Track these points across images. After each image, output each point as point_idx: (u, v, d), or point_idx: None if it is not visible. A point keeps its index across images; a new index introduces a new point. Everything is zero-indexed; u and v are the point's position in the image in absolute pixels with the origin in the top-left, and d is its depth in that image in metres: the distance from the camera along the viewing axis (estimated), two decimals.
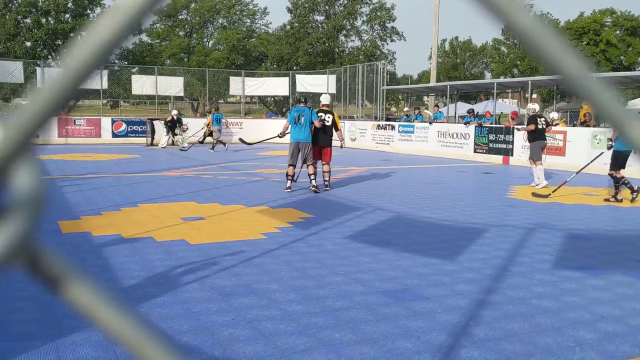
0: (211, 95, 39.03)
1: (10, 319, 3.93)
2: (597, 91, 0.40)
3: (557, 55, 0.39)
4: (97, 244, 6.21)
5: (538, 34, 0.39)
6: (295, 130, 10.54)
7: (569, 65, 0.40)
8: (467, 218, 8.20)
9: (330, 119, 10.92)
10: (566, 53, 0.39)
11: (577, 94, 0.41)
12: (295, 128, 10.54)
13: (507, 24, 0.38)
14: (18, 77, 24.90)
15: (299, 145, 10.47)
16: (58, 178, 12.12)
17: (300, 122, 10.47)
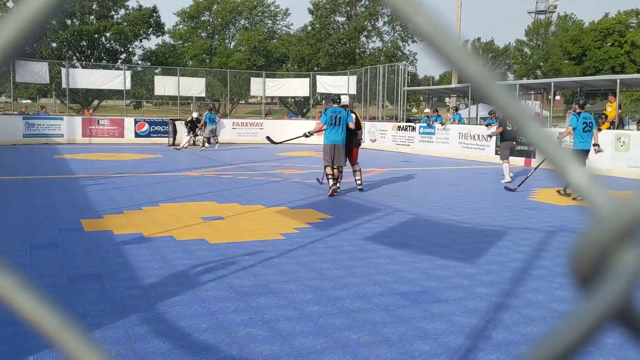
0: (232, 96, 39.29)
1: None
2: (500, 95, 0.41)
3: (459, 60, 0.41)
4: (119, 243, 6.29)
5: (440, 38, 0.40)
6: (332, 132, 10.25)
7: (473, 70, 0.41)
8: (487, 220, 8.14)
9: (353, 119, 10.75)
10: (468, 59, 0.41)
11: (483, 100, 0.42)
12: (332, 130, 10.25)
13: (412, 27, 0.40)
14: (43, 78, 25.31)
15: (335, 148, 10.22)
16: (81, 177, 12.29)
17: (337, 123, 10.21)
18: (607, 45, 45.47)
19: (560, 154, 0.41)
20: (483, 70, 0.41)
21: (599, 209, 0.39)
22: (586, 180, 0.40)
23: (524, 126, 0.41)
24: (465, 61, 0.41)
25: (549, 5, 70.15)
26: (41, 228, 7.00)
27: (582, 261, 0.39)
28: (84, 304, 4.28)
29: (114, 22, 40.81)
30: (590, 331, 0.39)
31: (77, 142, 23.70)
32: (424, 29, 0.40)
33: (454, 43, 0.40)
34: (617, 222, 0.38)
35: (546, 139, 0.41)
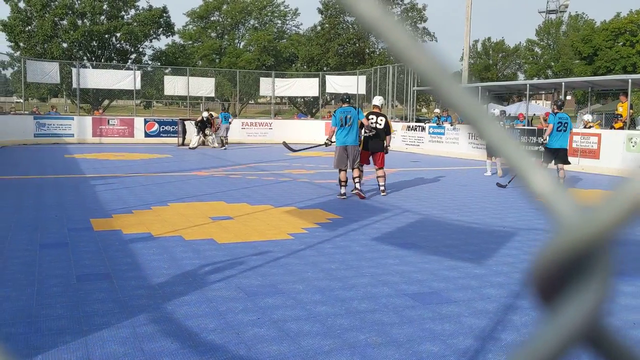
0: (241, 96, 39.35)
1: (41, 314, 4.02)
2: (457, 95, 0.38)
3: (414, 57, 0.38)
4: (128, 242, 6.31)
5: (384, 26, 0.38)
6: (342, 133, 9.75)
7: (427, 66, 0.39)
8: (497, 221, 8.09)
9: (383, 122, 10.23)
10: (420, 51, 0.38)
11: (442, 102, 0.40)
12: (342, 131, 9.75)
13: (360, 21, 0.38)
14: (54, 78, 25.47)
15: (347, 149, 9.76)
16: (91, 177, 12.35)
17: (347, 124, 9.71)
18: (619, 45, 45.11)
19: (520, 157, 0.38)
20: (439, 67, 0.38)
21: (563, 218, 0.36)
22: (549, 186, 0.37)
23: (483, 128, 0.39)
24: (417, 55, 0.39)
25: (560, 4, 69.73)
26: (51, 227, 7.03)
27: (545, 276, 0.35)
28: (92, 303, 4.29)
29: (125, 22, 40.97)
30: (555, 354, 0.35)
31: (87, 141, 23.82)
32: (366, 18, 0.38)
33: (406, 39, 0.38)
34: (584, 233, 0.35)
35: (505, 141, 0.38)
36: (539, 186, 0.37)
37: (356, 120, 9.79)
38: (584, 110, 28.08)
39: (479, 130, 0.38)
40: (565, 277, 0.35)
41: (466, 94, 0.38)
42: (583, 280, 0.35)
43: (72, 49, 39.60)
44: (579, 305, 0.35)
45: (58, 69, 25.55)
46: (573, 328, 0.35)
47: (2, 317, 3.96)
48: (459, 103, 0.38)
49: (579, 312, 0.35)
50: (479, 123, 0.38)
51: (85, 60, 38.68)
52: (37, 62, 26.70)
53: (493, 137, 0.38)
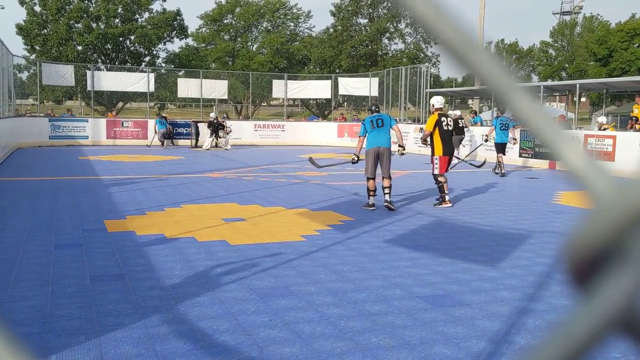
0: (254, 97, 39.46)
1: (56, 315, 4.05)
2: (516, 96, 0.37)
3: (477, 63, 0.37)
4: (141, 243, 6.34)
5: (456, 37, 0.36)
6: (373, 134, 8.93)
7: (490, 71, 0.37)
8: (510, 224, 8.04)
9: (451, 123, 9.54)
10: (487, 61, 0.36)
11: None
12: (374, 132, 8.93)
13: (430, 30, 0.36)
14: (69, 80, 25.68)
15: (379, 152, 8.90)
16: (105, 178, 12.43)
17: (380, 125, 8.95)
18: (634, 46, 44.68)
19: (552, 131, 0.36)
20: (499, 70, 0.37)
21: (599, 195, 0.34)
22: (583, 162, 0.35)
23: (514, 100, 0.37)
24: (483, 63, 0.37)
25: (574, 6, 69.22)
26: (65, 228, 7.09)
27: (580, 256, 0.33)
28: (106, 303, 4.31)
29: (139, 25, 41.25)
30: (590, 341, 0.33)
31: (101, 143, 24.00)
32: (443, 32, 0.36)
33: (469, 41, 0.37)
34: (621, 210, 0.32)
35: (536, 113, 0.36)
36: (573, 162, 0.35)
37: (389, 124, 9.04)
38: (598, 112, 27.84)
39: (510, 103, 0.37)
40: (601, 258, 0.33)
41: (495, 64, 0.37)
42: (620, 261, 0.33)
43: (87, 52, 39.94)
44: (616, 288, 0.33)
45: (73, 71, 25.76)
46: (609, 312, 0.33)
47: (17, 316, 4.00)
48: (487, 73, 0.37)
49: (616, 295, 0.33)
50: (509, 96, 0.37)
51: (99, 63, 38.99)
52: (52, 65, 26.94)
53: (524, 110, 0.36)
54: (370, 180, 8.99)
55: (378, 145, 8.91)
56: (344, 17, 45.26)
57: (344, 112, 42.97)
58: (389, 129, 9.03)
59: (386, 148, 8.94)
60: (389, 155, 8.97)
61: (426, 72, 25.69)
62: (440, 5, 0.36)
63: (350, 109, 44.73)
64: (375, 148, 8.92)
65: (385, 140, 8.96)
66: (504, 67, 0.36)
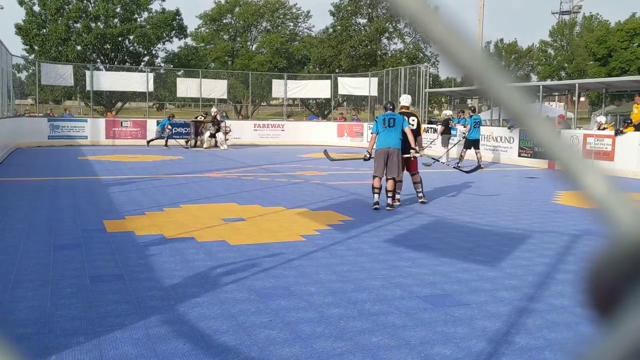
0: (254, 97, 39.45)
1: (55, 315, 4.04)
2: (509, 96, 0.36)
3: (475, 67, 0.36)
4: (140, 244, 6.33)
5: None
6: (385, 134, 8.83)
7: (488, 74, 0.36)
8: (510, 223, 8.04)
9: (415, 123, 9.63)
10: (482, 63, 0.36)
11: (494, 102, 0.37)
12: (385, 132, 8.83)
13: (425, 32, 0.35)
14: (68, 80, 25.66)
15: (388, 153, 8.78)
16: (104, 179, 12.43)
17: (391, 125, 8.84)
18: (634, 45, 44.68)
19: (573, 157, 0.35)
20: (496, 73, 0.36)
21: (620, 223, 0.32)
22: (604, 188, 0.33)
23: (535, 128, 0.36)
24: (480, 67, 0.36)
25: (573, 5, 69.23)
26: (65, 229, 7.08)
27: (602, 286, 0.32)
28: (105, 304, 4.31)
29: (138, 25, 41.22)
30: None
31: (100, 143, 23.99)
32: (437, 33, 0.36)
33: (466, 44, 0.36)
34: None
35: (555, 140, 0.35)
36: (594, 189, 0.34)
37: (400, 124, 8.90)
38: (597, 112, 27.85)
39: (529, 129, 0.36)
40: (625, 287, 0.32)
41: (515, 92, 0.36)
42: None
43: (86, 52, 39.89)
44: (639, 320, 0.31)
45: (72, 71, 25.74)
46: (634, 344, 0.31)
47: (17, 317, 3.99)
48: (507, 101, 0.36)
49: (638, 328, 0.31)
50: (528, 122, 0.36)
51: (98, 62, 38.94)
52: (51, 64, 26.92)
53: (542, 136, 0.36)
54: (375, 178, 8.98)
55: (388, 146, 8.81)
56: (344, 17, 45.24)
57: (344, 112, 42.97)
58: (400, 129, 8.91)
59: (396, 149, 8.83)
60: (397, 157, 8.86)
61: (425, 72, 25.69)
62: (433, 5, 0.36)
63: (349, 108, 44.74)
64: (384, 149, 8.83)
65: (395, 141, 8.84)
66: (521, 96, 0.35)
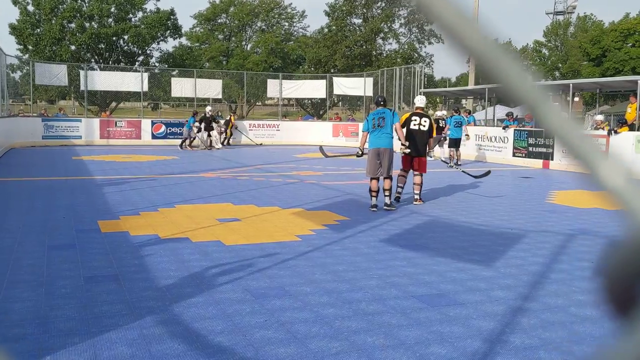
0: (249, 97, 39.39)
1: (50, 316, 4.03)
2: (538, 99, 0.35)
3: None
4: (135, 244, 6.32)
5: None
6: (375, 135, 8.85)
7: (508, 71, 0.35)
8: (505, 223, 8.06)
9: (427, 124, 9.54)
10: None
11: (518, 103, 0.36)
12: (375, 133, 8.85)
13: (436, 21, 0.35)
14: (62, 80, 25.58)
15: (379, 153, 8.81)
16: (99, 179, 12.39)
17: (381, 125, 8.82)
18: (628, 46, 44.84)
19: (587, 147, 0.34)
20: (520, 72, 0.35)
21: (638, 217, 0.31)
22: (621, 180, 0.32)
23: (546, 116, 0.35)
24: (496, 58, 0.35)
25: (567, 5, 69.44)
26: (59, 229, 7.06)
27: (620, 283, 0.30)
28: (100, 304, 4.30)
29: (132, 24, 41.11)
30: None
31: (95, 143, 23.92)
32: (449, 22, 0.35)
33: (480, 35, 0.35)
34: None
35: (569, 130, 0.34)
36: (609, 180, 0.33)
37: (390, 122, 8.86)
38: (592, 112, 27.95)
39: (541, 118, 0.35)
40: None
41: (528, 80, 0.35)
42: None
43: (80, 52, 39.76)
44: None
45: (66, 71, 25.65)
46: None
47: (12, 318, 3.98)
48: (519, 89, 0.35)
49: None
50: (541, 111, 0.35)
51: (93, 62, 38.83)
52: (46, 64, 26.83)
53: (556, 126, 0.35)
54: (372, 181, 8.96)
55: (378, 147, 8.84)
56: (339, 17, 45.24)
57: (339, 111, 42.95)
58: (390, 127, 8.87)
59: (386, 149, 8.83)
60: (389, 156, 8.84)
61: (420, 72, 25.72)
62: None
63: (345, 108, 44.72)
64: (375, 149, 8.86)
65: (385, 142, 8.83)
66: (535, 84, 0.35)
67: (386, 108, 9.10)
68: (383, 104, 9.15)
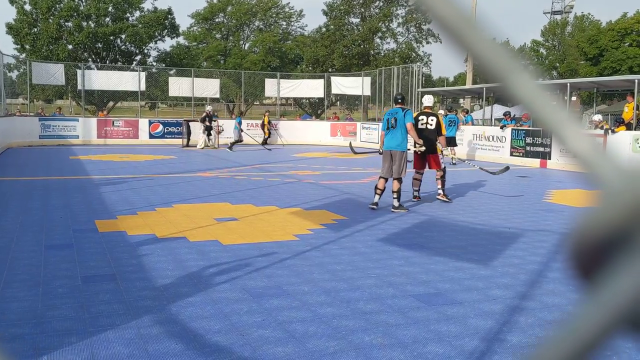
0: (247, 97, 39.38)
1: (47, 315, 4.02)
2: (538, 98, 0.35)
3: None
4: (132, 244, 6.31)
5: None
6: (388, 137, 8.88)
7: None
8: (502, 222, 8.06)
9: (434, 122, 9.70)
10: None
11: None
12: (388, 134, 8.88)
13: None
14: (59, 80, 25.54)
15: (391, 154, 8.83)
16: (96, 178, 12.37)
17: (393, 126, 8.80)
18: (625, 45, 44.92)
19: (555, 115, 0.34)
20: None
21: (606, 183, 0.31)
22: (589, 147, 0.32)
23: (515, 83, 0.35)
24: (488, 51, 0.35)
25: (565, 5, 69.52)
26: (56, 228, 7.04)
27: (587, 248, 0.31)
28: (97, 304, 4.29)
29: (129, 24, 41.06)
30: (596, 339, 0.31)
31: (92, 143, 23.89)
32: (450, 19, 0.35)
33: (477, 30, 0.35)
34: (631, 199, 0.30)
35: (538, 97, 0.34)
36: (578, 147, 0.33)
37: (402, 122, 8.75)
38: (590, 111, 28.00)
39: (509, 84, 0.35)
40: (609, 249, 0.31)
41: (494, 43, 0.35)
42: (630, 253, 0.31)
43: (77, 51, 39.72)
44: (625, 282, 0.31)
45: (63, 70, 25.62)
46: (617, 308, 0.31)
47: (9, 317, 3.97)
48: (484, 54, 0.35)
49: (624, 289, 0.31)
50: (509, 80, 0.35)
51: (90, 62, 38.77)
52: (43, 64, 26.79)
53: (525, 93, 0.34)
54: (380, 179, 8.98)
55: (389, 148, 8.86)
56: (336, 17, 45.23)
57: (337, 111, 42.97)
58: (403, 129, 8.77)
59: (397, 151, 8.80)
60: (399, 158, 8.79)
61: (418, 72, 25.73)
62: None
63: (343, 108, 44.74)
64: (387, 151, 8.90)
65: (396, 143, 8.80)
66: (502, 47, 0.35)
67: (401, 107, 8.94)
68: (400, 102, 9.07)
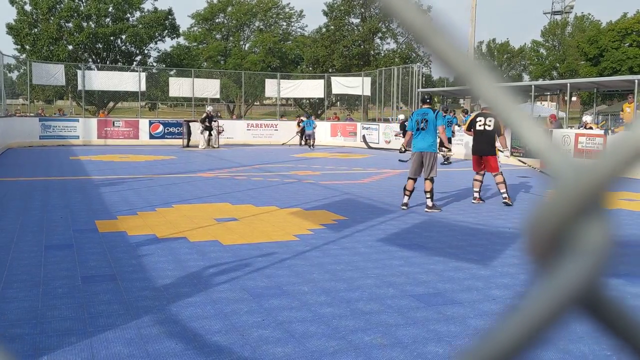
0: (247, 97, 39.41)
1: (47, 315, 4.03)
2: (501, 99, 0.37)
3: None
4: (132, 244, 6.31)
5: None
6: (417, 138, 8.78)
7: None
8: (502, 222, 8.07)
9: (492, 124, 9.40)
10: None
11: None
12: (418, 135, 8.77)
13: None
14: (60, 80, 25.57)
15: (422, 157, 8.78)
16: (96, 178, 12.38)
17: (423, 127, 8.71)
18: (625, 45, 44.91)
19: (513, 112, 0.36)
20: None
21: (558, 175, 0.34)
22: (544, 142, 0.35)
23: (478, 83, 0.37)
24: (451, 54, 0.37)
25: (565, 5, 69.54)
26: (56, 229, 7.05)
27: (540, 235, 0.34)
28: (97, 304, 4.29)
29: (130, 24, 41.09)
30: (548, 321, 0.33)
31: (92, 143, 23.90)
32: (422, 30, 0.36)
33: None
34: (580, 189, 0.33)
35: (498, 95, 0.36)
36: (534, 142, 0.35)
37: (433, 124, 8.69)
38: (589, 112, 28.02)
39: (472, 85, 0.37)
40: (562, 235, 0.33)
41: (455, 47, 0.36)
42: (580, 239, 0.33)
43: (78, 51, 39.75)
44: (576, 266, 0.33)
45: (63, 71, 25.64)
46: (569, 291, 0.33)
47: (9, 317, 3.97)
48: (448, 56, 0.37)
49: (575, 273, 0.33)
50: (473, 79, 0.37)
51: (90, 62, 38.80)
52: (43, 64, 26.81)
53: (486, 91, 0.36)
54: (409, 180, 8.99)
55: (420, 150, 8.81)
56: (337, 17, 45.27)
57: (337, 111, 42.98)
58: (433, 129, 8.73)
59: (431, 153, 8.77)
60: (431, 159, 8.77)
61: (418, 72, 25.74)
62: (426, 5, 0.37)
63: (343, 108, 44.76)
64: (419, 152, 8.85)
65: (427, 145, 8.75)
66: (462, 50, 0.36)
67: (430, 107, 8.92)
68: (428, 102, 9.04)
